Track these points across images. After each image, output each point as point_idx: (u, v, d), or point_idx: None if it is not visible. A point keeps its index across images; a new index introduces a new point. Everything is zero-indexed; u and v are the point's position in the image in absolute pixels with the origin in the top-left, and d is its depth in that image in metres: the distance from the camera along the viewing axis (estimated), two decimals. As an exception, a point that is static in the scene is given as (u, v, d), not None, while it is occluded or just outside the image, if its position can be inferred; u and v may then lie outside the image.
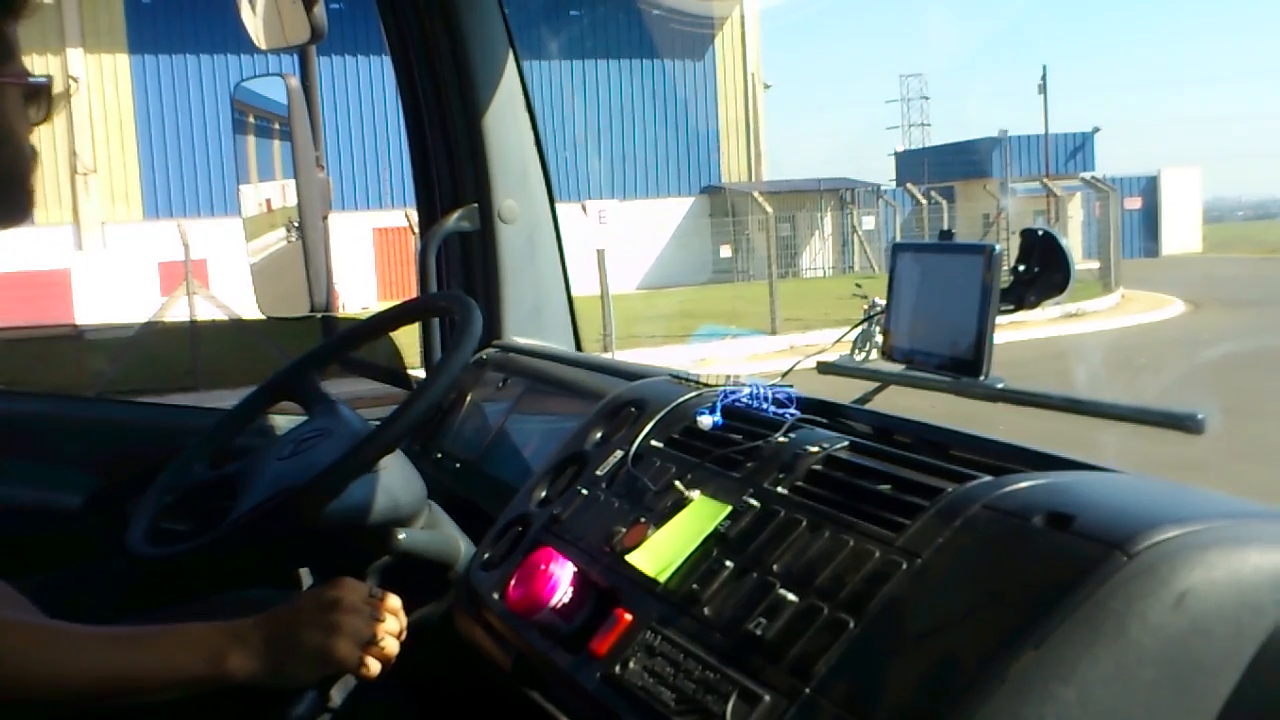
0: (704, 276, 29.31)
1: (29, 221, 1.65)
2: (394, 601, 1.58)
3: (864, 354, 2.00)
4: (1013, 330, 1.71)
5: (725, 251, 30.40)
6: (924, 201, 28.00)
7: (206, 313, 17.62)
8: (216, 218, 25.15)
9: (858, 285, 17.39)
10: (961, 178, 33.45)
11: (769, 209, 23.94)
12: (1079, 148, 37.84)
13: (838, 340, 1.91)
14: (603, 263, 15.42)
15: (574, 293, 2.81)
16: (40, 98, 1.58)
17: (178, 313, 17.87)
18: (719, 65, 32.04)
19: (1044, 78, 39.49)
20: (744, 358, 16.38)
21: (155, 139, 26.86)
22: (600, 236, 15.66)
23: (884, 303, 1.67)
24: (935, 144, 51.13)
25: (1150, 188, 37.80)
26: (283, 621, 1.52)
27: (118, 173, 26.24)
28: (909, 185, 31.17)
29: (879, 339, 1.64)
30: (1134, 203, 36.68)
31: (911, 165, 40.13)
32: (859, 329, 1.99)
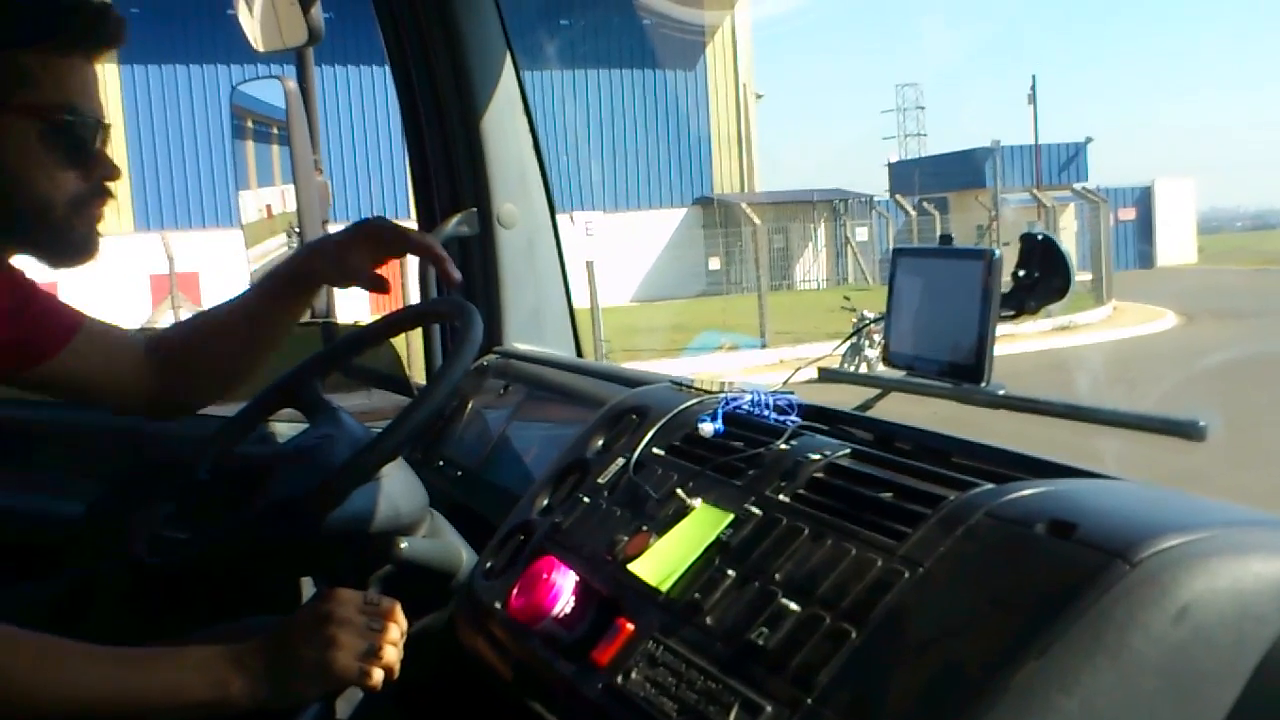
0: (697, 288, 29.30)
1: (86, 260, 1.68)
2: (393, 607, 1.56)
3: (854, 368, 2.00)
4: (1003, 343, 1.70)
5: (714, 263, 30.36)
6: (912, 213, 28.03)
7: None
8: (208, 229, 25.10)
9: (846, 298, 17.38)
10: (955, 189, 33.48)
11: (757, 220, 23.97)
12: (1072, 158, 37.89)
13: (826, 356, 1.91)
14: (592, 274, 15.41)
15: (567, 302, 2.81)
16: (65, 136, 1.59)
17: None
18: (710, 76, 32.04)
19: (1033, 88, 39.49)
20: (736, 371, 16.38)
21: (146, 150, 26.77)
22: (589, 248, 15.67)
23: (873, 315, 1.67)
24: (931, 154, 51.11)
25: (1144, 198, 37.84)
26: (281, 642, 1.52)
27: (108, 184, 26.15)
28: (898, 197, 31.20)
29: (869, 353, 1.65)
30: (1128, 213, 36.72)
31: (906, 176, 40.14)
32: (849, 343, 2.00)
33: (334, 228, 2.01)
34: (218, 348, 1.94)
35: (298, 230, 2.40)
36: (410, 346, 2.98)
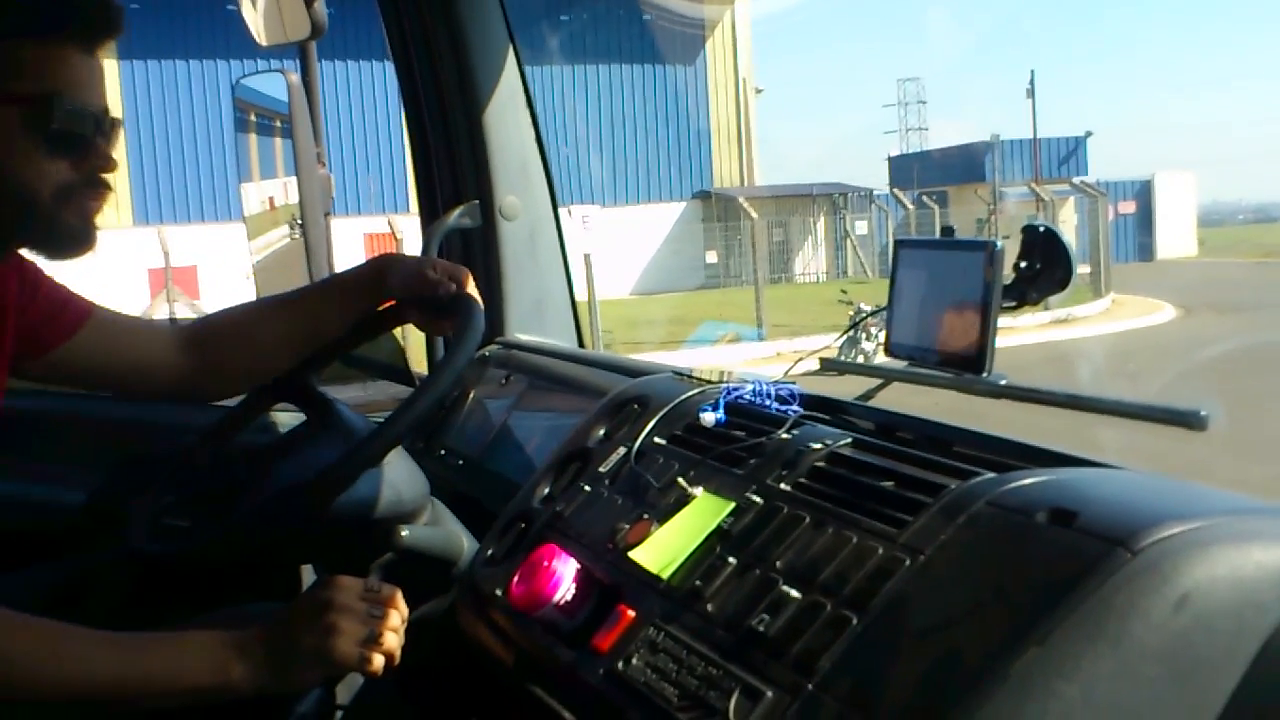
0: (696, 281, 29.30)
1: (82, 252, 1.66)
2: (393, 594, 1.56)
3: (851, 360, 2.00)
4: (1000, 335, 1.69)
5: (711, 257, 30.34)
6: (910, 207, 28.05)
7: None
8: (206, 224, 25.11)
9: (843, 291, 17.43)
10: (954, 183, 33.47)
11: (754, 214, 24.02)
12: (1072, 152, 37.87)
13: (823, 349, 1.91)
14: (589, 267, 15.46)
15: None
16: (51, 126, 1.57)
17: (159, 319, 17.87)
18: (710, 71, 31.99)
19: (1031, 83, 39.40)
20: (733, 364, 16.35)
21: (145, 145, 26.72)
22: (586, 241, 15.72)
23: (870, 308, 1.68)
24: (932, 148, 51.18)
25: (1145, 191, 37.84)
26: (281, 629, 1.52)
27: (107, 179, 25.99)
28: (896, 191, 31.20)
29: (865, 345, 1.65)
30: (1128, 207, 36.76)
31: (906, 170, 40.10)
32: (846, 336, 1.99)
33: (336, 221, 2.02)
34: (261, 337, 1.97)
35: (299, 221, 2.40)
36: (409, 339, 2.98)
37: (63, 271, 1.81)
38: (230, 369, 1.97)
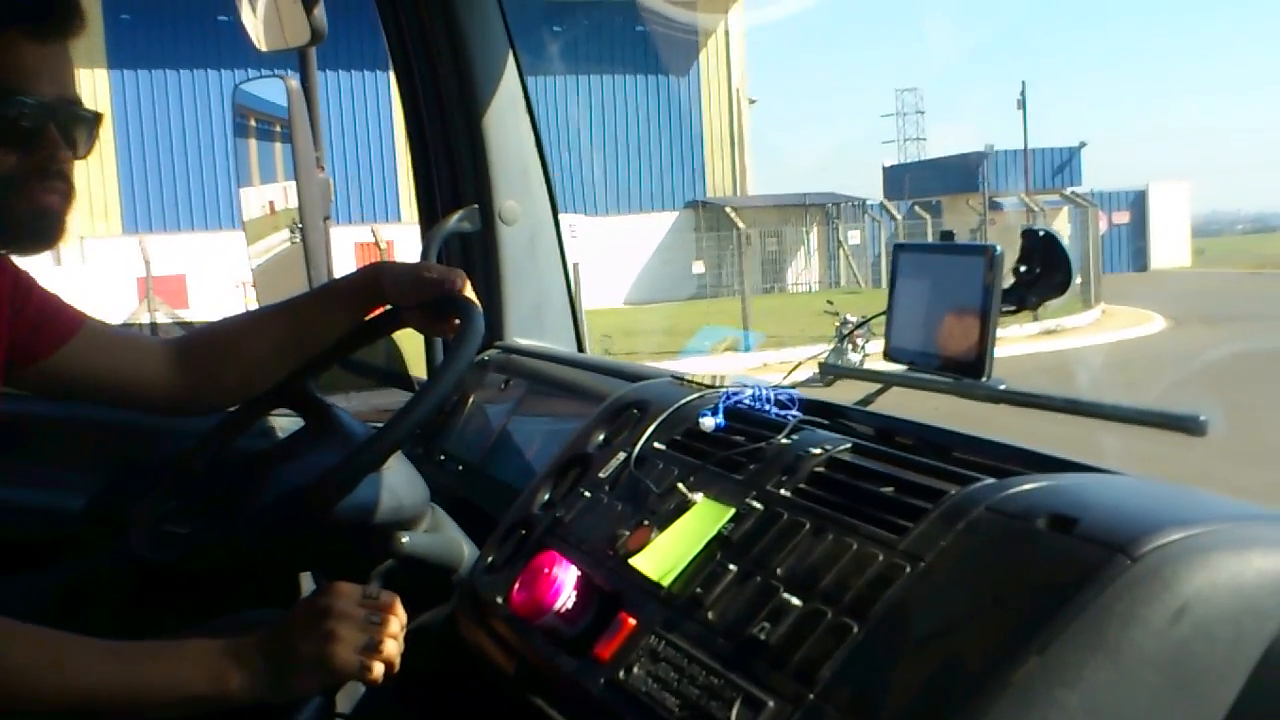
0: (688, 291, 29.27)
1: (42, 246, 1.63)
2: (393, 601, 1.56)
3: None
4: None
5: (698, 268, 30.30)
6: (898, 218, 28.09)
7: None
8: (196, 232, 25.07)
9: (829, 303, 17.46)
10: (948, 192, 33.52)
11: (741, 224, 24.08)
12: (1066, 162, 37.95)
13: (808, 359, 1.91)
14: (577, 276, 15.57)
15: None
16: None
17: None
18: (703, 81, 32.00)
19: (1023, 94, 39.43)
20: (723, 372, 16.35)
21: (135, 154, 26.65)
22: (574, 251, 15.84)
23: (855, 319, 1.68)
24: (928, 158, 51.22)
25: (1139, 202, 37.89)
26: (279, 637, 1.51)
27: (96, 187, 25.89)
28: (884, 201, 31.24)
29: (852, 356, 1.65)
30: (1122, 217, 36.82)
31: (901, 180, 40.14)
32: (833, 348, 1.99)
33: (334, 227, 2.00)
34: (254, 349, 1.94)
35: (299, 225, 2.40)
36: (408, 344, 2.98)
37: (48, 278, 1.80)
38: (223, 381, 1.95)
